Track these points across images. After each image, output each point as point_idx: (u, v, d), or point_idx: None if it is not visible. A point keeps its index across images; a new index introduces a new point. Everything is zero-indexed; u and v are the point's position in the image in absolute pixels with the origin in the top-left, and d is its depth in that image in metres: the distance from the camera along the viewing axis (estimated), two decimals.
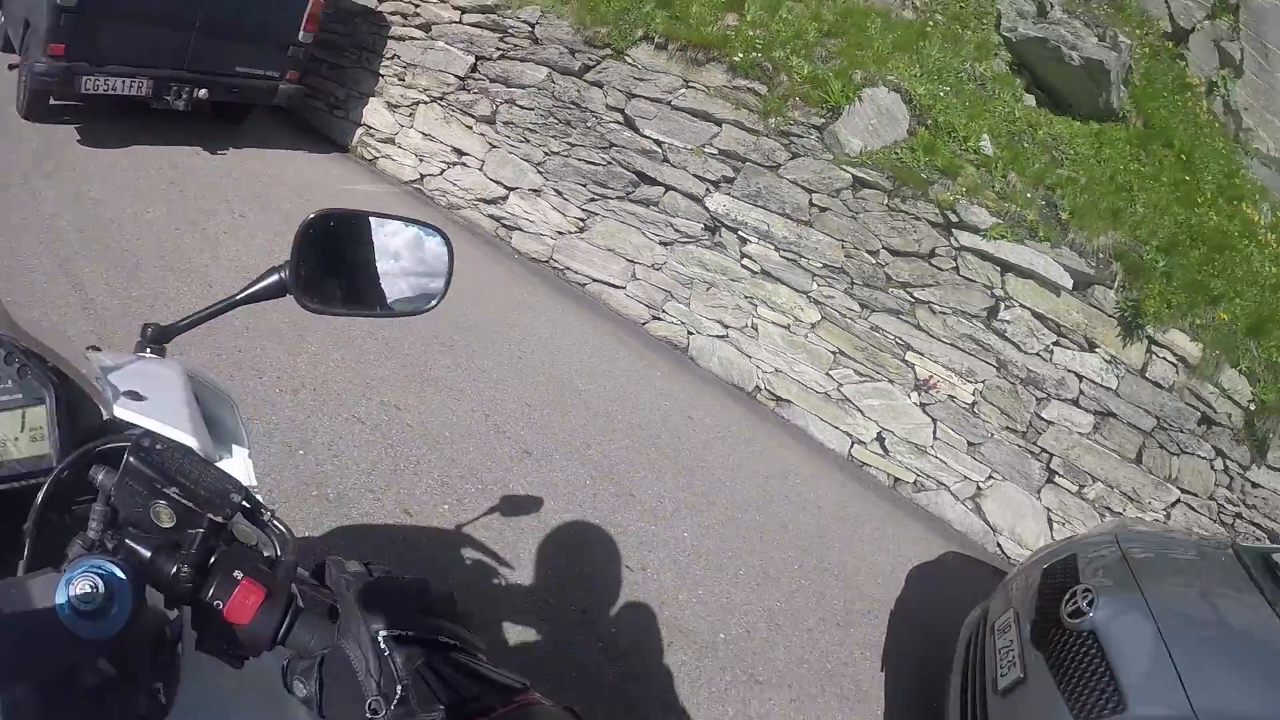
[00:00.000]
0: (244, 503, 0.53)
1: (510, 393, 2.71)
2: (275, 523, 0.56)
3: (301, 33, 4.31)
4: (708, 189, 3.60)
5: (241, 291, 0.74)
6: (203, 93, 4.01)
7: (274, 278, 0.73)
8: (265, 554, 0.54)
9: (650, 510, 2.38)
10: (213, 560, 0.49)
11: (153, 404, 0.62)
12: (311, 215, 0.74)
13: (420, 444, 2.26)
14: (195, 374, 0.73)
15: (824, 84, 3.33)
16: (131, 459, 0.49)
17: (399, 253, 0.78)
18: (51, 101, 3.97)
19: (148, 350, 0.75)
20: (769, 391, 3.44)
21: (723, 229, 3.57)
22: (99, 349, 0.70)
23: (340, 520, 1.87)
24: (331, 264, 0.77)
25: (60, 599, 0.42)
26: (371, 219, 0.78)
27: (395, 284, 0.79)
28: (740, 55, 3.49)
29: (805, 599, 2.28)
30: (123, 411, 0.59)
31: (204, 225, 3.23)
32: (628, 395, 3.01)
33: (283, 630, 0.48)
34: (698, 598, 2.09)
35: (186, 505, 0.49)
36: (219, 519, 0.50)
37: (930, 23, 4.00)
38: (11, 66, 4.02)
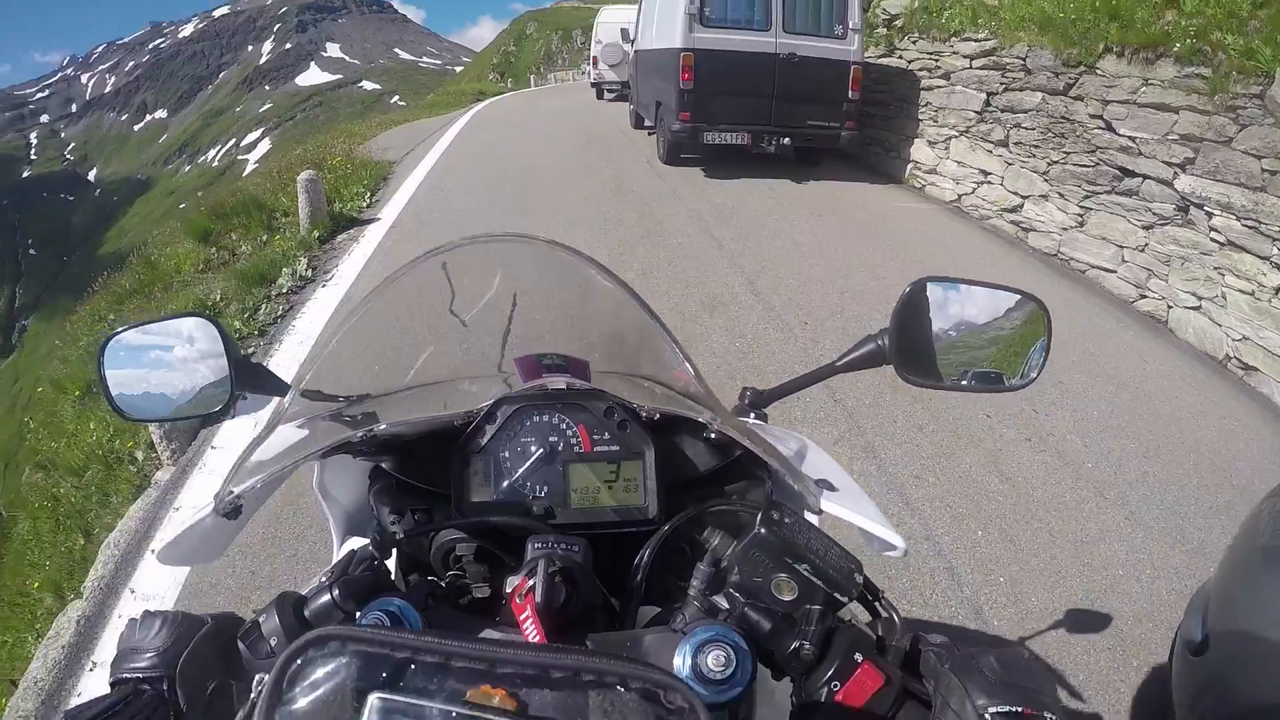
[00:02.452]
0: (864, 582, 0.70)
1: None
2: (887, 605, 0.73)
3: (850, 93, 8.45)
4: (1175, 172, 5.49)
5: (840, 359, 1.10)
6: (785, 140, 8.67)
7: (871, 346, 1.07)
8: (875, 636, 0.70)
9: None
10: (831, 639, 0.65)
11: (844, 495, 0.86)
12: (909, 286, 1.03)
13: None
14: (812, 446, 1.01)
15: (1256, 53, 4.80)
16: (762, 530, 0.69)
17: (994, 321, 1.06)
18: (681, 153, 9.48)
19: (751, 415, 1.12)
20: (1238, 359, 4.99)
21: (1191, 206, 5.41)
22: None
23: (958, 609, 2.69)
24: (928, 333, 1.05)
25: (682, 660, 0.60)
26: (968, 286, 1.07)
27: (984, 354, 1.06)
28: (1180, 46, 5.35)
29: None
30: (830, 507, 0.84)
31: (792, 219, 7.21)
32: (1116, 361, 5.21)
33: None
34: None
35: (812, 581, 0.67)
36: (841, 598, 0.68)
37: None
38: (650, 132, 10.00)
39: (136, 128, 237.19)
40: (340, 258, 6.38)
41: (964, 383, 1.08)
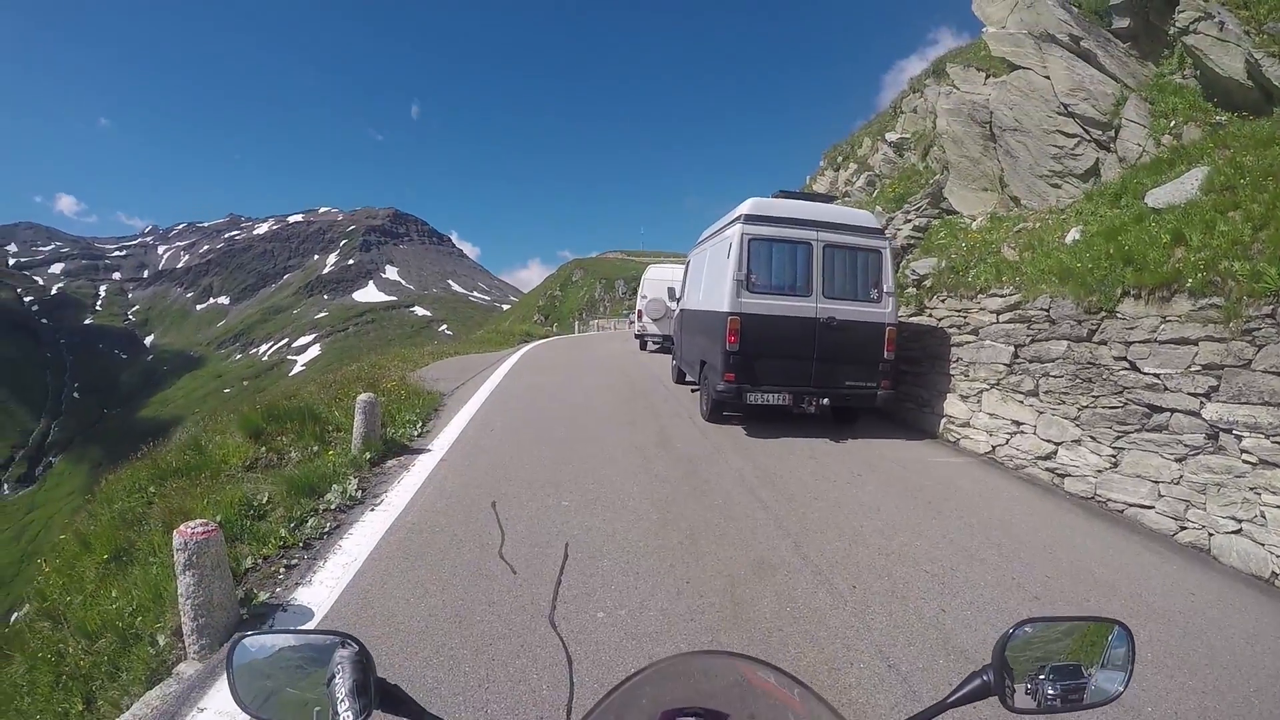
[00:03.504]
0: None
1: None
2: None
3: (885, 353, 9.67)
4: (1201, 402, 6.33)
5: (950, 696, 1.27)
6: (825, 401, 9.74)
7: (976, 682, 1.28)
8: None
9: None
10: None
11: None
12: (1011, 628, 1.30)
13: None
14: None
15: (1263, 275, 5.87)
16: None
17: (1080, 652, 1.35)
18: (724, 411, 10.49)
19: None
20: None
21: (1220, 433, 6.16)
22: None
23: None
24: (1032, 667, 1.30)
25: None
26: (1060, 622, 1.36)
27: (1086, 686, 1.32)
28: (1192, 280, 6.54)
29: None
30: None
31: (833, 478, 7.79)
32: (1163, 598, 5.77)
33: None
34: None
35: None
36: None
37: None
38: (693, 389, 11.34)
39: (199, 307, 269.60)
40: (390, 484, 7.04)
41: (1083, 698, 1.35)
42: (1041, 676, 1.33)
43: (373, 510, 6.30)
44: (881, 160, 18.25)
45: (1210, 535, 6.18)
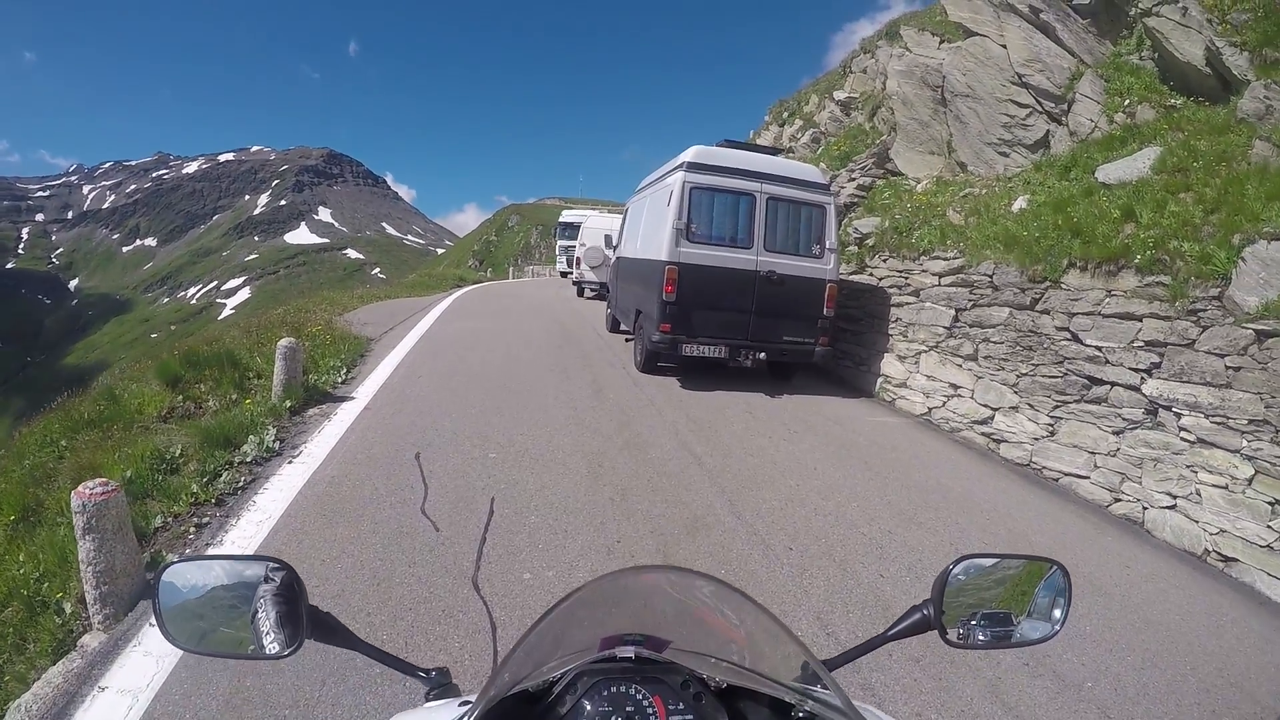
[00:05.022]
0: None
1: None
2: None
3: (825, 310, 9.44)
4: (1142, 377, 6.29)
5: (891, 629, 1.36)
6: (761, 355, 9.49)
7: (917, 615, 1.36)
8: None
9: None
10: None
11: None
12: (951, 564, 1.38)
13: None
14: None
15: (1212, 258, 5.82)
16: None
17: (1018, 587, 1.41)
18: (658, 363, 10.18)
19: (818, 686, 1.13)
20: (1216, 553, 5.48)
21: (1159, 409, 6.15)
22: None
23: None
24: (969, 603, 1.37)
25: None
26: (1001, 560, 1.42)
27: (1021, 624, 1.39)
28: (1140, 257, 6.47)
29: None
30: None
31: (769, 434, 7.58)
32: (1099, 569, 5.52)
33: None
34: None
35: None
36: None
37: None
38: (628, 339, 10.91)
39: (125, 249, 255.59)
40: (310, 434, 6.54)
41: (1011, 639, 1.40)
42: (978, 613, 1.38)
43: (290, 463, 5.81)
44: (828, 118, 18.00)
45: (1144, 509, 6.20)
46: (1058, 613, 1.41)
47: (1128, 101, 9.31)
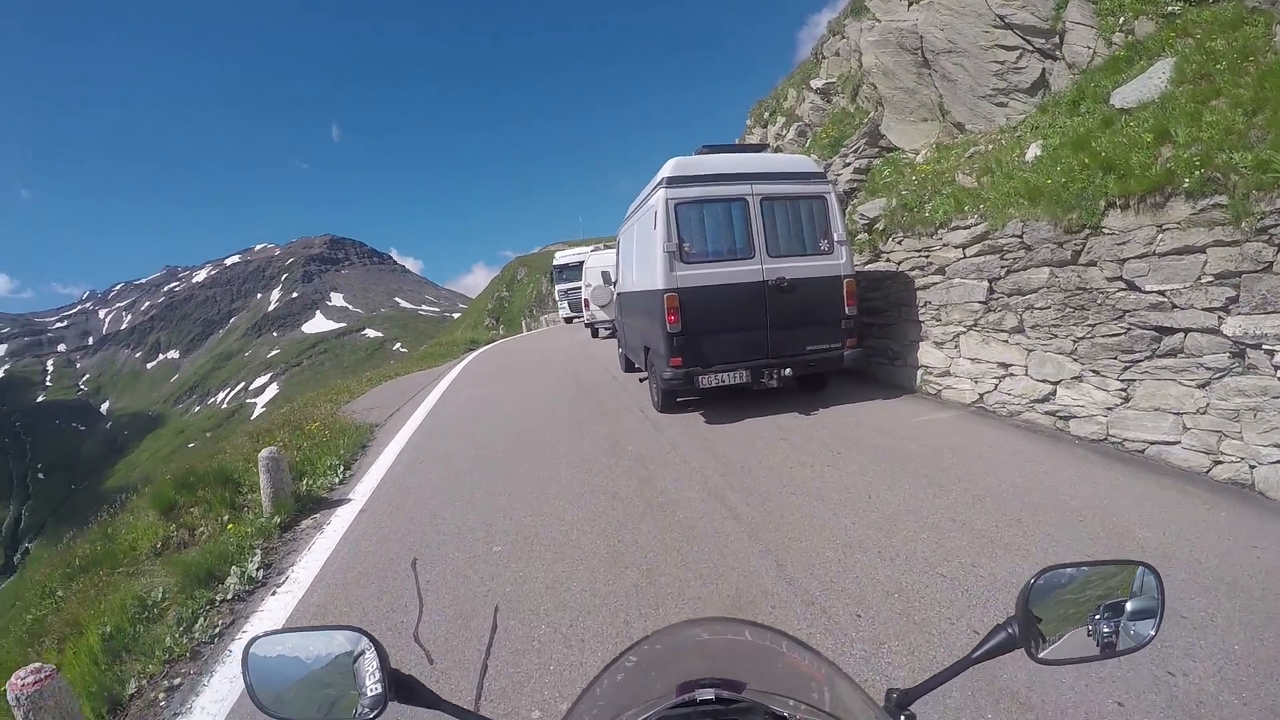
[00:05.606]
0: None
1: None
2: None
3: (846, 308, 8.65)
4: (1219, 317, 5.44)
5: (976, 650, 1.28)
6: (787, 372, 8.64)
7: (1002, 635, 1.27)
8: None
9: None
10: None
11: None
12: (1032, 578, 1.28)
13: None
14: None
15: (1270, 164, 4.99)
16: None
17: (1106, 595, 1.29)
18: (678, 398, 9.35)
19: (901, 717, 1.25)
20: None
21: (1247, 349, 5.29)
22: None
23: None
24: (1056, 616, 1.27)
25: None
26: (1084, 568, 1.31)
27: (1115, 633, 1.27)
28: (1189, 180, 5.63)
29: None
30: None
31: (810, 463, 6.75)
32: (1225, 561, 4.41)
33: None
34: None
35: None
36: None
37: None
38: (642, 378, 9.95)
39: (149, 365, 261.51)
40: (300, 552, 5.91)
41: (1104, 651, 1.28)
42: (1067, 625, 1.28)
43: (274, 593, 5.15)
44: (810, 109, 17.25)
45: (1253, 468, 5.29)
46: (1151, 619, 1.29)
47: (1122, 20, 8.53)
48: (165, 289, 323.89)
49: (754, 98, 24.43)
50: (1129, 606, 1.29)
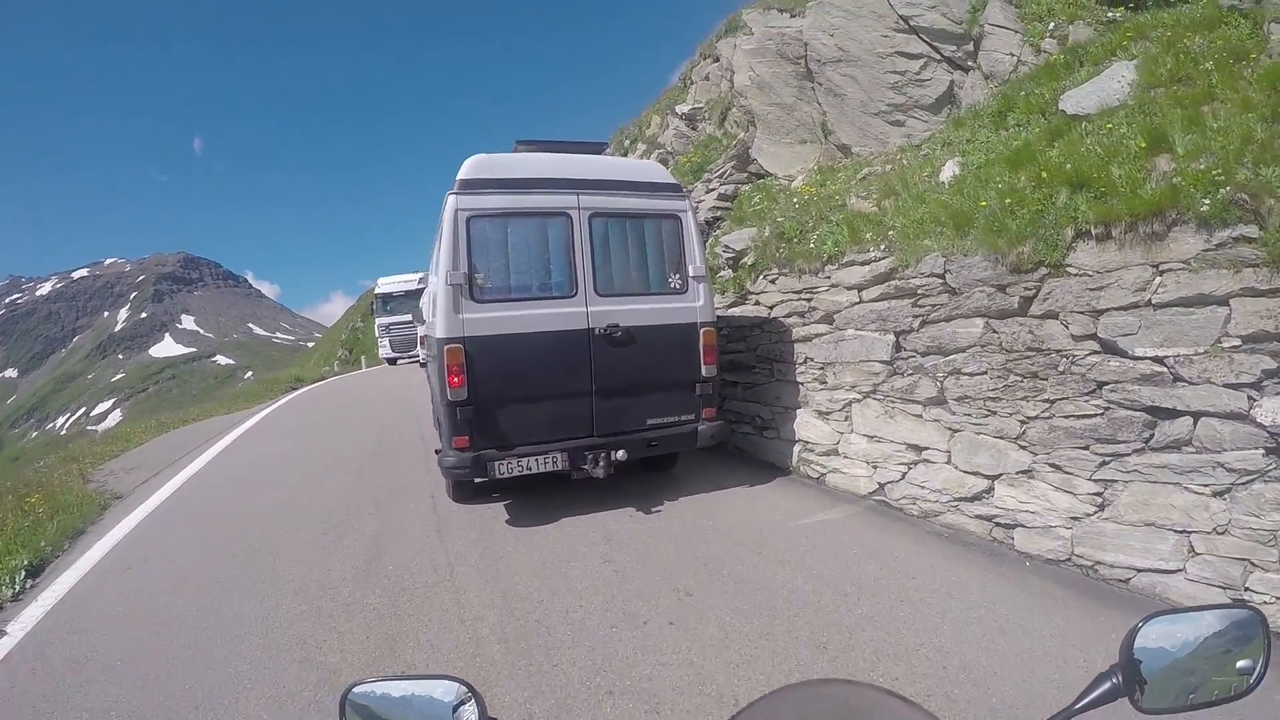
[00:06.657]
0: None
1: None
2: None
3: (704, 367, 6.41)
4: (1249, 397, 3.70)
5: (1078, 701, 1.15)
6: (620, 454, 6.14)
7: (1106, 684, 1.15)
8: None
9: None
10: None
11: None
12: (1139, 622, 1.17)
13: None
14: None
15: None
16: None
17: (1212, 642, 1.19)
18: (474, 486, 6.77)
19: None
20: None
21: None
22: None
23: None
24: (1158, 663, 1.16)
25: None
26: (1187, 614, 1.21)
27: (1220, 681, 1.18)
28: (1207, 201, 3.89)
29: None
30: None
31: (644, 614, 4.40)
32: None
33: None
34: None
35: None
36: None
37: None
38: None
39: None
40: None
41: (1211, 699, 1.18)
42: (1172, 673, 1.18)
43: None
44: (673, 136, 15.51)
45: None
46: (1257, 665, 1.17)
47: (1052, 24, 7.07)
48: (7, 300, 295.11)
49: (619, 124, 22.62)
50: (1234, 652, 1.19)
